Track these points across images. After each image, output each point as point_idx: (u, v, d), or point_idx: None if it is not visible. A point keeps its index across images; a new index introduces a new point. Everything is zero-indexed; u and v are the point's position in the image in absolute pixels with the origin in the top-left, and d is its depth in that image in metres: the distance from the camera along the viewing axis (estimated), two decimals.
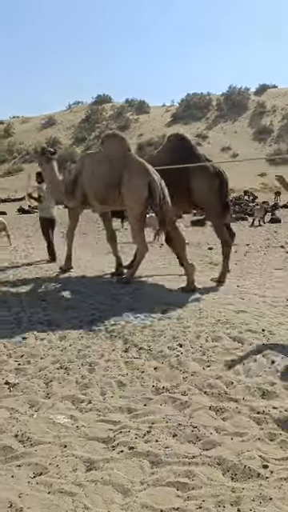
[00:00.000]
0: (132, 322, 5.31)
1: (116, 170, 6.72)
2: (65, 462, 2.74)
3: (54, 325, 5.32)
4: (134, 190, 6.56)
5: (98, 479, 2.58)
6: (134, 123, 60.19)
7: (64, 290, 6.84)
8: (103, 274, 7.98)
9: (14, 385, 3.81)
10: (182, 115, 60.19)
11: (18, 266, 8.90)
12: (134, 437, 2.97)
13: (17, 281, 7.58)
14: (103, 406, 3.41)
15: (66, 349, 4.58)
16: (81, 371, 4.04)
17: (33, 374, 4.03)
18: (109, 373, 3.98)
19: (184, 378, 3.81)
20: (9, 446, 2.91)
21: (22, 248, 11.79)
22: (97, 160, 7.13)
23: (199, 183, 6.82)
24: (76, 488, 2.52)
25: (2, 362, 4.29)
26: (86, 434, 3.05)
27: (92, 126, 61.63)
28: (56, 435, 3.05)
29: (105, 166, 6.88)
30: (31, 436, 3.03)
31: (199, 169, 6.81)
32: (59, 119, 67.22)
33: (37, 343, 4.77)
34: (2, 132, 66.70)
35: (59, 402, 3.50)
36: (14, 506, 2.38)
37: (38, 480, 2.59)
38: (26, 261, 9.60)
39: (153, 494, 2.46)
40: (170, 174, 6.67)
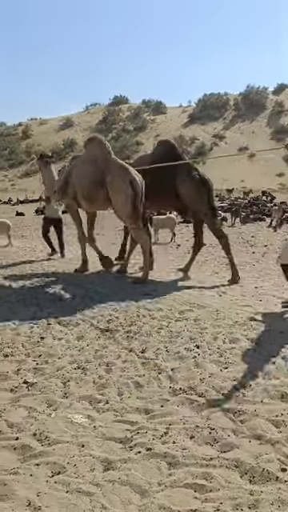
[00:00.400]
0: (149, 322, 5.31)
1: (99, 170, 7.20)
2: (82, 462, 2.76)
3: (71, 325, 5.36)
4: (119, 190, 6.94)
5: (115, 479, 2.59)
6: (150, 124, 60.26)
7: (82, 290, 6.88)
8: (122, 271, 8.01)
9: (32, 384, 3.84)
10: (199, 115, 60.03)
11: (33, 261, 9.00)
12: (151, 438, 2.97)
13: (34, 275, 7.69)
14: (120, 406, 3.42)
15: (83, 349, 4.61)
16: (98, 371, 4.06)
17: (51, 373, 4.06)
18: (126, 373, 3.99)
19: (201, 379, 3.80)
20: (27, 445, 2.94)
21: (40, 248, 11.89)
22: (83, 161, 7.68)
23: (186, 189, 7.29)
24: (94, 488, 2.53)
25: (21, 362, 4.34)
26: (104, 434, 3.07)
27: (109, 127, 61.94)
28: (74, 435, 3.07)
29: (89, 166, 7.39)
30: (49, 435, 3.05)
31: (185, 174, 7.28)
32: (76, 121, 67.76)
33: (54, 343, 4.81)
34: (21, 134, 67.55)
35: (76, 402, 3.52)
36: (32, 505, 2.40)
37: (56, 479, 2.61)
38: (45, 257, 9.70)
39: (170, 496, 2.45)
40: (158, 179, 7.15)
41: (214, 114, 60.29)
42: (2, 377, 4.02)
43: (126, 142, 53.59)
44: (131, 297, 6.41)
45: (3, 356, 4.49)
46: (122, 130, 59.74)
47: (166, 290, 6.83)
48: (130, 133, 58.57)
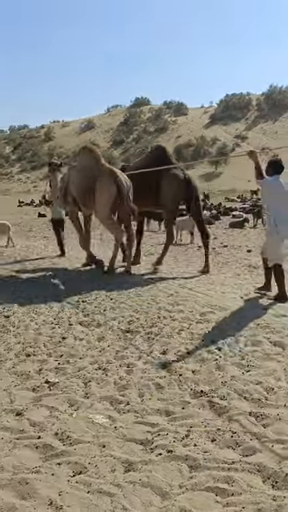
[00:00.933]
0: (170, 324, 5.29)
1: (91, 177, 7.66)
2: (103, 462, 2.76)
3: (92, 325, 5.39)
4: (105, 192, 7.49)
5: (136, 481, 2.58)
6: (171, 125, 60.25)
7: (104, 291, 6.91)
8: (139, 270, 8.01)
9: (53, 384, 3.88)
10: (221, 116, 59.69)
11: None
12: (172, 440, 2.96)
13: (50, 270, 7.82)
14: (141, 407, 3.42)
15: (104, 349, 4.62)
16: (119, 372, 4.07)
17: (72, 373, 4.09)
18: (147, 375, 3.99)
19: (223, 382, 3.76)
20: (49, 444, 2.96)
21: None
22: (77, 169, 8.22)
23: (168, 187, 7.82)
24: (115, 489, 2.53)
25: (43, 361, 4.38)
26: (124, 435, 3.07)
27: (130, 129, 62.18)
28: (95, 435, 3.08)
29: (82, 174, 7.91)
30: (71, 435, 3.07)
31: (171, 176, 7.82)
32: (98, 122, 68.27)
33: (76, 343, 4.84)
34: (43, 136, 68.49)
35: (97, 403, 3.53)
36: (54, 504, 2.42)
37: (78, 479, 2.62)
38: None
39: (191, 499, 2.43)
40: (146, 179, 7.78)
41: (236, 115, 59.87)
42: (24, 376, 4.07)
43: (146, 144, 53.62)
44: (153, 298, 6.41)
45: (25, 355, 4.54)
46: (143, 131, 59.89)
47: (188, 291, 6.80)
48: (151, 134, 58.66)
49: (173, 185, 7.71)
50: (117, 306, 6.14)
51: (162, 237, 13.70)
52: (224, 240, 12.54)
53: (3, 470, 2.72)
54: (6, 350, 4.72)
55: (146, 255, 10.38)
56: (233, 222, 16.11)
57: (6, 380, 4.01)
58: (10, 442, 3.03)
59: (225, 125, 57.86)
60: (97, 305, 6.23)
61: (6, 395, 3.72)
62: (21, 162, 62.61)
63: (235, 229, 14.84)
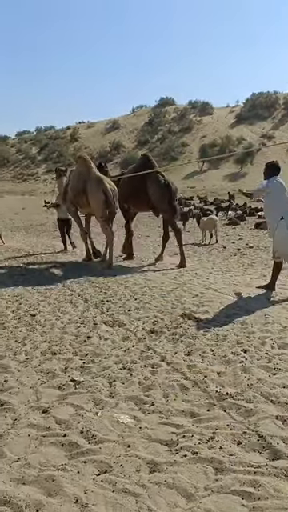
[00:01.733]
0: (194, 325, 5.26)
1: (83, 181, 8.97)
2: (128, 462, 2.77)
3: (117, 325, 5.41)
4: (96, 197, 8.71)
5: (161, 482, 2.58)
6: (196, 125, 59.90)
7: (128, 291, 6.94)
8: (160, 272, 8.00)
9: (79, 382, 3.91)
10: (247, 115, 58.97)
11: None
12: (197, 442, 2.94)
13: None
14: (166, 408, 3.41)
15: (128, 349, 4.63)
16: (143, 372, 4.07)
17: (97, 372, 4.11)
18: (171, 375, 3.98)
19: (249, 385, 3.71)
20: (75, 442, 2.99)
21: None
22: (73, 174, 9.60)
23: (150, 190, 8.90)
24: (140, 489, 2.53)
25: (68, 360, 4.43)
26: (149, 435, 3.07)
27: (155, 129, 62.12)
28: (120, 434, 3.09)
29: (77, 179, 9.20)
30: (96, 433, 3.09)
31: (153, 181, 8.87)
32: (123, 123, 68.48)
33: (101, 343, 4.87)
34: (69, 137, 69.17)
35: (122, 402, 3.54)
36: (79, 502, 2.44)
37: (103, 478, 2.64)
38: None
39: (217, 501, 2.41)
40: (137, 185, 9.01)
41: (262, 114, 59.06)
42: (50, 374, 4.12)
43: (171, 144, 53.57)
44: (178, 299, 6.40)
45: (51, 354, 4.60)
46: (168, 131, 59.75)
47: (212, 292, 6.75)
48: (176, 134, 58.47)
49: (156, 187, 8.81)
50: (141, 306, 6.15)
51: (186, 237, 13.66)
52: (249, 241, 12.38)
53: (30, 466, 2.76)
54: (32, 348, 4.79)
55: (171, 255, 10.35)
56: (258, 223, 15.89)
57: (33, 378, 4.07)
58: (36, 438, 3.07)
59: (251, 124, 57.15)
60: (121, 305, 6.25)
61: (33, 393, 3.78)
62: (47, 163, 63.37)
63: (261, 230, 14.62)
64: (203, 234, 12.66)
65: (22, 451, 2.93)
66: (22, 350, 4.73)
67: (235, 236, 13.53)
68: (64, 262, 9.98)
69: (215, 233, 12.53)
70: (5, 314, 6.02)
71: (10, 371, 4.21)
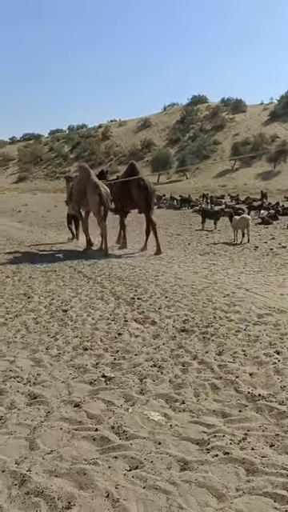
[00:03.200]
0: (226, 325, 5.22)
1: (83, 186, 10.90)
2: (159, 459, 2.78)
3: (147, 323, 5.42)
4: (93, 198, 10.65)
5: (192, 480, 2.57)
6: (229, 123, 59.12)
7: (158, 289, 6.94)
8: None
9: (110, 378, 3.94)
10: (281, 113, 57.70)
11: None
12: (228, 442, 2.92)
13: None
14: (197, 407, 3.39)
15: (159, 347, 4.64)
16: (174, 371, 4.06)
17: (128, 369, 4.14)
18: (202, 375, 3.95)
19: (282, 387, 3.65)
20: (106, 437, 3.02)
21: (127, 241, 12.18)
22: (76, 180, 11.67)
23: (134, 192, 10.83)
24: (170, 486, 2.53)
25: (99, 356, 4.47)
26: (180, 433, 3.06)
27: (186, 127, 61.72)
28: (150, 431, 3.10)
29: (78, 184, 11.28)
30: (127, 429, 3.11)
31: (135, 185, 10.84)
32: (154, 121, 68.40)
33: (131, 340, 4.89)
34: (100, 135, 69.64)
35: (153, 400, 3.55)
36: (110, 497, 2.46)
37: (134, 473, 2.65)
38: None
39: (249, 503, 2.39)
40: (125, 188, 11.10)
41: None
42: (82, 369, 4.18)
43: (203, 142, 53.09)
44: (209, 298, 6.35)
45: (83, 349, 4.66)
46: (200, 129, 59.25)
47: (244, 293, 6.67)
48: (208, 132, 57.92)
49: (137, 190, 10.72)
50: (172, 304, 6.14)
51: (217, 236, 13.54)
52: (282, 241, 12.14)
53: (62, 459, 2.81)
54: (64, 343, 4.87)
55: (202, 254, 10.29)
56: None
57: (65, 372, 4.13)
58: (68, 432, 3.12)
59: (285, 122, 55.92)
60: (152, 303, 6.26)
61: (65, 387, 3.84)
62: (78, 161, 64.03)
63: None
64: (235, 233, 12.51)
65: (55, 444, 2.99)
66: (54, 345, 4.81)
67: (267, 235, 13.30)
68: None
69: (247, 232, 12.35)
70: (37, 309, 6.14)
71: (43, 365, 4.30)
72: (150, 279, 7.72)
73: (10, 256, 10.94)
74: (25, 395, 3.70)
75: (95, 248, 11.56)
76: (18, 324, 5.55)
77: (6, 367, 4.25)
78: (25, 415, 3.37)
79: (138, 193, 10.60)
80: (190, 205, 24.47)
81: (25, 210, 27.33)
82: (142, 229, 12.39)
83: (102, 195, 10.48)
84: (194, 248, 11.40)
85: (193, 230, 15.35)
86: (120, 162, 59.42)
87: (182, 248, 11.53)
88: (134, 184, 10.70)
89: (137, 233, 14.09)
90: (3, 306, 6.38)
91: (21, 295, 6.96)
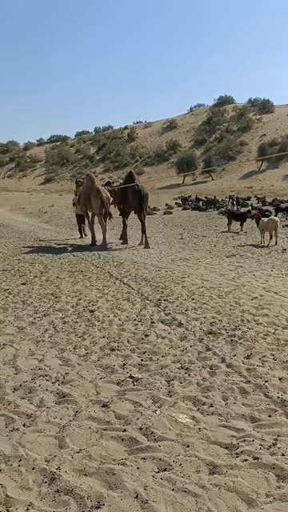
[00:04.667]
0: (254, 328, 5.15)
1: (88, 191, 12.69)
2: (188, 462, 2.76)
3: (174, 324, 5.41)
4: (95, 202, 12.40)
5: (221, 484, 2.55)
6: (256, 123, 58.39)
7: (185, 290, 6.92)
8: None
9: (137, 379, 3.95)
10: None
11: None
12: (258, 447, 2.88)
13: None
14: (225, 411, 3.36)
15: (186, 349, 4.62)
16: (201, 373, 4.04)
17: (155, 370, 4.14)
18: (230, 378, 3.92)
19: None
20: (134, 438, 3.03)
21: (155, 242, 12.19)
22: (84, 186, 13.28)
23: (130, 196, 12.69)
24: (199, 490, 2.52)
25: (126, 357, 4.49)
26: (208, 437, 3.04)
27: (212, 128, 61.28)
28: (178, 434, 3.09)
29: (85, 189, 12.92)
30: (155, 431, 3.12)
31: (131, 190, 12.65)
32: (180, 122, 68.20)
33: (158, 341, 4.89)
34: (126, 137, 69.90)
35: (181, 402, 3.54)
36: (139, 498, 2.47)
37: (162, 475, 2.65)
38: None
39: (280, 510, 2.35)
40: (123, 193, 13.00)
41: None
42: (109, 370, 4.20)
43: (229, 143, 52.57)
44: (236, 300, 6.29)
45: (110, 350, 4.68)
46: (226, 130, 58.73)
47: (271, 295, 6.57)
48: (234, 133, 57.35)
49: (132, 194, 12.59)
50: (198, 306, 6.10)
51: (243, 238, 13.39)
52: None
53: (91, 458, 2.83)
54: (91, 343, 4.91)
55: (228, 256, 10.20)
56: None
57: (92, 372, 4.17)
58: (96, 432, 3.15)
59: None
60: (178, 304, 6.24)
61: (92, 387, 3.87)
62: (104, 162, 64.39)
63: None
64: (262, 235, 12.35)
65: (84, 443, 3.01)
66: (81, 345, 4.86)
67: None
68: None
69: (275, 234, 12.18)
70: (65, 309, 6.20)
71: (71, 364, 4.34)
72: (177, 281, 7.70)
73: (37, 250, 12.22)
74: (53, 394, 3.75)
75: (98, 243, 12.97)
76: (46, 323, 5.62)
77: (35, 366, 4.32)
78: (54, 413, 3.42)
79: (133, 196, 12.51)
80: (215, 206, 24.32)
81: (51, 211, 27.68)
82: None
83: (103, 199, 12.39)
84: (221, 250, 11.30)
85: (218, 231, 15.23)
86: (146, 163, 59.49)
87: (208, 250, 11.46)
88: (130, 189, 12.62)
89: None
90: (31, 305, 6.48)
91: (48, 295, 7.05)
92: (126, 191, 12.76)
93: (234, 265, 9.10)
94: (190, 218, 20.44)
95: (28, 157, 76.22)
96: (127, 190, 12.73)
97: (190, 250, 11.47)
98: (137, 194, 12.40)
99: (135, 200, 12.43)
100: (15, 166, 74.65)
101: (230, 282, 7.53)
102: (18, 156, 77.07)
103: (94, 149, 71.13)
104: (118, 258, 10.44)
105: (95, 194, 12.38)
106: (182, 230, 16.04)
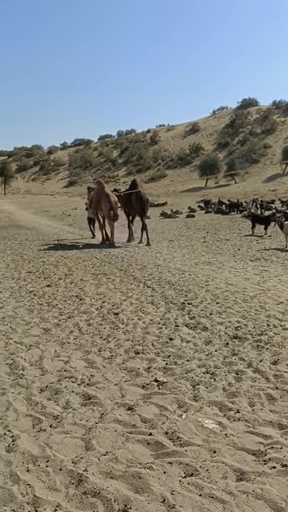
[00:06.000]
0: (281, 333, 5.08)
1: (98, 196, 14.27)
2: (215, 468, 2.74)
3: (199, 328, 5.38)
4: (105, 205, 13.87)
5: (249, 491, 2.52)
6: (280, 126, 57.72)
7: (209, 294, 6.87)
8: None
9: (162, 383, 3.94)
10: None
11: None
12: (286, 454, 2.83)
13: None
14: (252, 417, 3.32)
15: (211, 354, 4.59)
16: (227, 378, 4.00)
17: (180, 374, 4.12)
18: (257, 384, 3.87)
19: None
20: (160, 442, 3.02)
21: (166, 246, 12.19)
22: (95, 192, 14.88)
23: (133, 201, 14.14)
24: (227, 496, 2.49)
25: (151, 360, 4.48)
26: (235, 443, 3.01)
27: (236, 131, 60.90)
28: (205, 439, 3.07)
29: (96, 194, 14.58)
30: (181, 436, 3.10)
31: (134, 196, 14.06)
32: (203, 125, 68.03)
33: (183, 345, 4.87)
34: (149, 140, 70.09)
35: (206, 407, 3.52)
36: (166, 502, 2.46)
37: (189, 481, 2.63)
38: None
39: None
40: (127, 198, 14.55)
41: None
42: (134, 373, 4.21)
43: (252, 146, 52.13)
44: (261, 305, 6.21)
45: (134, 353, 4.69)
46: (250, 133, 58.25)
47: None
48: (258, 136, 56.83)
49: (135, 200, 14.06)
50: (223, 310, 6.05)
51: (267, 241, 13.23)
52: None
53: (117, 461, 2.83)
54: (116, 345, 4.92)
55: (252, 260, 10.09)
56: None
57: (117, 375, 4.18)
58: (122, 435, 3.15)
59: None
60: (202, 308, 6.20)
61: (118, 389, 3.88)
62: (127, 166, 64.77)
63: None
64: (287, 238, 12.17)
65: (110, 446, 3.02)
66: (106, 347, 4.88)
67: None
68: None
69: None
70: (89, 312, 6.25)
71: (96, 367, 4.37)
72: (200, 284, 7.66)
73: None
74: (79, 396, 3.78)
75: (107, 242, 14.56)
76: (71, 325, 5.68)
77: (61, 367, 4.36)
78: (80, 415, 3.44)
79: (136, 201, 14.14)
80: (238, 209, 24.11)
81: (74, 213, 27.99)
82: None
83: (112, 203, 13.95)
84: (244, 254, 11.19)
85: (242, 235, 15.09)
86: (168, 166, 59.52)
87: (232, 253, 11.35)
88: (134, 195, 14.26)
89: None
90: (56, 307, 6.56)
91: (73, 297, 7.11)
92: (130, 197, 14.44)
93: (259, 269, 9.00)
94: (212, 221, 20.33)
95: (52, 160, 77.33)
96: (131, 196, 14.41)
97: (213, 253, 11.39)
98: (139, 199, 14.16)
99: (137, 205, 14.17)
100: (39, 169, 75.84)
101: (255, 286, 7.44)
102: (42, 160, 78.30)
103: (116, 152, 71.65)
104: (141, 261, 10.46)
105: (105, 198, 13.99)
106: (205, 233, 15.95)
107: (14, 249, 13.29)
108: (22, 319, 5.98)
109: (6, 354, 4.74)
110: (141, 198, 14.23)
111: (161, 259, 10.67)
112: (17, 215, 28.49)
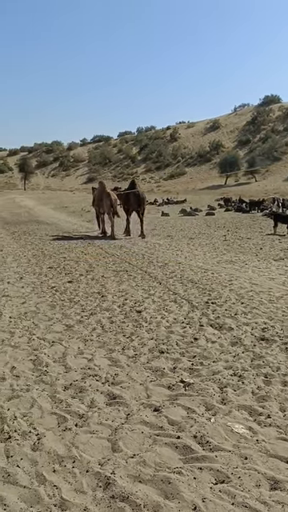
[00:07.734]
0: None
1: (100, 194, 15.77)
2: (247, 475, 2.64)
3: (224, 329, 5.26)
4: (106, 203, 15.23)
5: (284, 501, 2.41)
6: None
7: (233, 294, 6.74)
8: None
9: (189, 384, 3.85)
10: None
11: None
12: None
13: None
14: (284, 423, 3.20)
15: (238, 355, 4.47)
16: (256, 381, 3.88)
17: (206, 376, 4.02)
18: (287, 388, 3.74)
19: None
20: (189, 446, 2.93)
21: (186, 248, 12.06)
22: (97, 191, 16.59)
23: (131, 198, 15.60)
24: (261, 506, 2.39)
25: (176, 360, 4.39)
26: (268, 449, 2.90)
27: (257, 128, 60.08)
28: (235, 444, 2.97)
29: (98, 193, 16.18)
30: (210, 440, 3.00)
31: (132, 194, 15.53)
32: (223, 123, 67.34)
33: (208, 345, 4.76)
34: (168, 137, 69.73)
35: (236, 411, 3.41)
36: (197, 510, 2.37)
37: (221, 488, 2.54)
38: None
39: None
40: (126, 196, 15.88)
41: None
42: (159, 373, 4.12)
43: (274, 144, 51.33)
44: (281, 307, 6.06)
45: (159, 352, 4.60)
46: (271, 130, 57.40)
47: None
48: (280, 133, 55.95)
49: (133, 197, 15.56)
50: (248, 310, 5.92)
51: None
52: None
53: (145, 465, 2.75)
54: (140, 344, 4.84)
55: (276, 259, 9.89)
56: None
57: (142, 374, 4.10)
58: (149, 437, 3.07)
59: None
60: (227, 308, 6.07)
61: (143, 389, 3.80)
62: (146, 163, 64.51)
63: None
64: None
65: (137, 448, 2.94)
66: (130, 346, 4.81)
67: None
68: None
69: None
70: (112, 309, 6.18)
71: (120, 365, 4.29)
72: (224, 283, 7.53)
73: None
74: (104, 395, 3.71)
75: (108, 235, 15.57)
76: (94, 322, 5.62)
77: (85, 365, 4.31)
78: (105, 415, 3.37)
79: (134, 199, 15.67)
80: (259, 208, 23.78)
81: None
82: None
83: (112, 201, 15.36)
84: (267, 253, 10.98)
85: (264, 234, 14.84)
86: (187, 163, 59.15)
87: (254, 252, 11.16)
88: (132, 194, 15.78)
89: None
90: (78, 303, 6.51)
91: (95, 293, 7.06)
92: (129, 195, 15.99)
93: (284, 269, 8.81)
94: (233, 219, 20.09)
95: (71, 156, 77.59)
96: (130, 194, 15.97)
97: (234, 252, 11.22)
98: (137, 197, 15.82)
99: (135, 202, 15.78)
100: (59, 165, 76.16)
101: (281, 286, 7.27)
102: (61, 156, 78.60)
103: (136, 149, 71.44)
104: (162, 258, 10.37)
105: (106, 196, 15.61)
106: (226, 231, 15.75)
107: (34, 244, 13.34)
108: (44, 315, 5.96)
109: (29, 350, 4.70)
110: (138, 196, 15.93)
111: (182, 257, 10.55)
112: (36, 210, 28.67)
